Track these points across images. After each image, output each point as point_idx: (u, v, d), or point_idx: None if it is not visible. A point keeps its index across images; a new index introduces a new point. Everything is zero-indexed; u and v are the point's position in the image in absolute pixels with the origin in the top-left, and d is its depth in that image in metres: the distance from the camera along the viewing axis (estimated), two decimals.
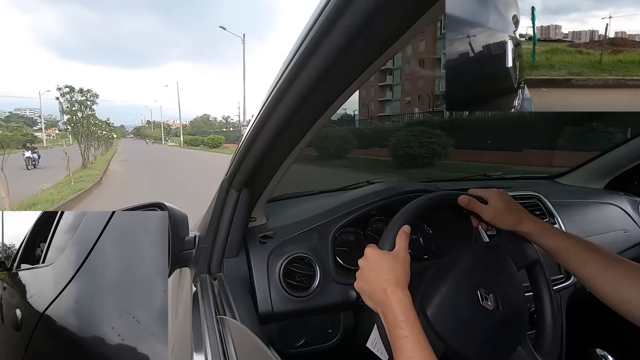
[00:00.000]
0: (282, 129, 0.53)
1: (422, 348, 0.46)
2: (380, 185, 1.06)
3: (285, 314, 0.79)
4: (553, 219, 1.11)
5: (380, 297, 0.52)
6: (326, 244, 0.86)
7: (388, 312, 0.50)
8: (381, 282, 0.53)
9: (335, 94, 0.48)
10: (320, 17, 0.34)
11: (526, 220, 0.64)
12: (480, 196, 0.67)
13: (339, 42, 0.34)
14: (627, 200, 1.29)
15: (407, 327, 0.48)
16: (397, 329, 0.48)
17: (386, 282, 0.52)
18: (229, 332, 0.62)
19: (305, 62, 0.39)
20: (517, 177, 1.54)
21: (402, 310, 0.49)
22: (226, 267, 0.80)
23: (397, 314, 0.49)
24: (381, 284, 0.53)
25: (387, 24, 0.33)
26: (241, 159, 0.66)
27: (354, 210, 0.91)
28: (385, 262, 0.55)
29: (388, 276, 0.53)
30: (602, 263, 0.57)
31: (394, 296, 0.51)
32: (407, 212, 0.61)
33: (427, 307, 0.55)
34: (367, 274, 0.56)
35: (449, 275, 0.58)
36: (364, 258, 0.57)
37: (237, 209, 0.76)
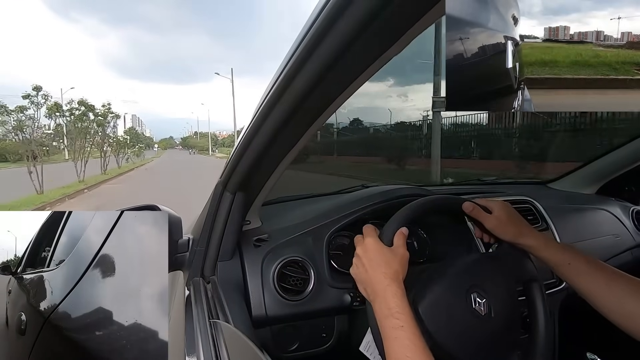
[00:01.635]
0: (277, 132, 0.53)
1: (418, 338, 0.47)
2: (375, 189, 1.06)
3: (279, 318, 0.79)
4: (545, 224, 1.12)
5: (376, 288, 0.53)
6: (321, 247, 0.85)
7: (382, 303, 0.52)
8: (378, 274, 0.54)
9: (331, 97, 0.48)
10: (316, 21, 0.34)
11: (528, 233, 0.65)
12: (484, 205, 0.68)
13: (334, 46, 0.35)
14: (619, 205, 1.31)
15: (402, 317, 0.49)
16: (391, 319, 0.49)
17: (383, 275, 0.54)
18: (222, 336, 0.61)
19: (301, 65, 0.39)
20: (510, 182, 1.55)
21: (398, 302, 0.50)
22: (220, 270, 0.79)
23: (392, 305, 0.50)
24: (378, 275, 0.54)
25: (383, 27, 0.33)
26: (236, 162, 0.66)
27: (348, 214, 0.91)
28: (384, 255, 0.56)
29: (386, 270, 0.54)
30: (603, 278, 0.57)
31: (390, 289, 0.52)
32: (409, 210, 0.61)
33: (419, 303, 0.56)
34: (366, 263, 0.57)
35: (444, 276, 0.59)
36: (364, 246, 0.59)
37: (232, 212, 0.75)
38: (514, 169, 6.76)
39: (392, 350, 0.47)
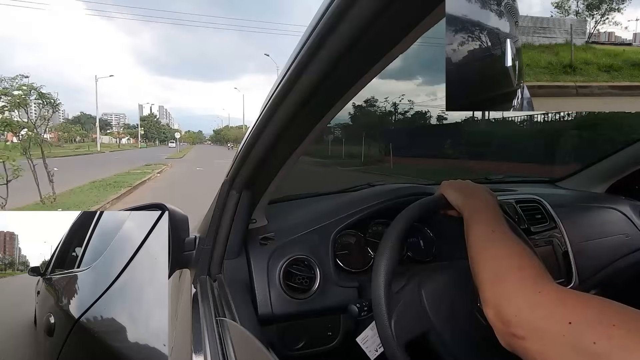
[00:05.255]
0: (283, 130, 0.53)
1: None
2: (381, 187, 1.06)
3: (285, 316, 0.79)
4: (554, 223, 1.10)
5: (479, 203, 0.59)
6: (327, 246, 0.85)
7: (487, 216, 0.56)
8: (485, 193, 0.62)
9: (337, 96, 0.48)
10: (321, 20, 0.34)
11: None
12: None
13: (340, 45, 0.35)
14: (629, 204, 1.29)
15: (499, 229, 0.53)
16: (492, 230, 0.53)
17: (489, 199, 0.60)
18: (228, 334, 0.62)
19: (307, 64, 0.39)
20: (518, 181, 1.54)
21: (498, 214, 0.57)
22: (226, 268, 0.80)
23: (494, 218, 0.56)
24: (485, 194, 0.61)
25: (388, 27, 0.33)
26: (242, 161, 0.66)
27: (354, 212, 0.90)
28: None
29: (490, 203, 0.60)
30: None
31: (495, 210, 0.58)
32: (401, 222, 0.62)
33: (424, 286, 0.58)
34: (470, 185, 0.65)
35: (454, 270, 0.59)
36: None
37: (238, 211, 0.76)
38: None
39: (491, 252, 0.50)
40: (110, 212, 0.59)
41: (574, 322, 0.34)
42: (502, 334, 0.42)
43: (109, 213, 0.59)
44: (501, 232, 0.52)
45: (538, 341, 0.36)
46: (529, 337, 0.38)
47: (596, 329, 0.32)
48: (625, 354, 0.29)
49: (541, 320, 0.37)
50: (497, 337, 0.43)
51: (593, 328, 0.32)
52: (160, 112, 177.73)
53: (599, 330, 0.32)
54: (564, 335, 0.34)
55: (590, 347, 0.31)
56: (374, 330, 0.68)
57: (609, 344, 0.30)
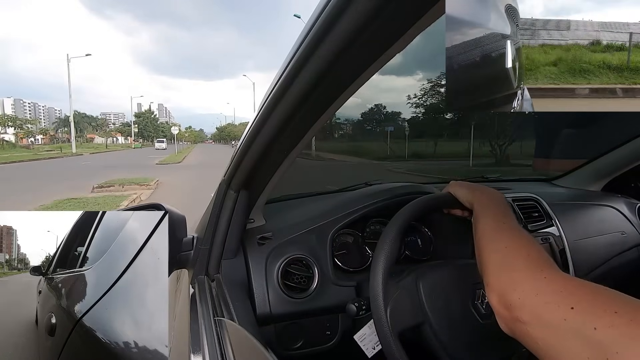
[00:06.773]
0: (280, 130, 0.53)
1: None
2: (378, 187, 1.06)
3: (283, 316, 0.79)
4: (551, 221, 1.11)
5: (489, 198, 0.60)
6: (324, 245, 0.85)
7: (497, 210, 0.56)
8: (493, 190, 0.62)
9: (334, 95, 0.48)
10: (319, 18, 0.34)
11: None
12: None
13: (337, 44, 0.34)
14: (625, 202, 1.30)
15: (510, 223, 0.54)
16: (502, 222, 0.54)
17: (498, 196, 0.61)
18: (226, 333, 0.62)
19: (304, 63, 0.39)
20: (515, 179, 1.54)
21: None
22: (224, 268, 0.79)
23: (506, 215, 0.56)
24: (493, 191, 0.62)
25: (385, 25, 0.33)
26: (239, 160, 0.66)
27: (352, 212, 0.90)
28: None
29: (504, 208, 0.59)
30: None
31: (504, 205, 0.59)
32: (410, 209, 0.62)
33: (422, 278, 0.58)
34: (478, 184, 0.66)
35: (452, 266, 0.59)
36: None
37: (236, 211, 0.75)
38: None
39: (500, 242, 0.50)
40: (112, 212, 0.59)
41: (576, 308, 0.34)
42: (505, 319, 0.42)
43: (112, 212, 0.59)
44: (510, 224, 0.53)
45: (540, 326, 0.37)
46: (531, 322, 0.38)
47: (598, 316, 0.32)
48: (626, 341, 0.29)
49: (545, 304, 0.37)
50: (491, 334, 0.43)
51: (595, 314, 0.32)
52: (160, 111, 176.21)
53: (601, 317, 0.32)
54: (565, 320, 0.34)
55: (591, 333, 0.31)
56: (372, 329, 0.69)
57: (610, 331, 0.30)
